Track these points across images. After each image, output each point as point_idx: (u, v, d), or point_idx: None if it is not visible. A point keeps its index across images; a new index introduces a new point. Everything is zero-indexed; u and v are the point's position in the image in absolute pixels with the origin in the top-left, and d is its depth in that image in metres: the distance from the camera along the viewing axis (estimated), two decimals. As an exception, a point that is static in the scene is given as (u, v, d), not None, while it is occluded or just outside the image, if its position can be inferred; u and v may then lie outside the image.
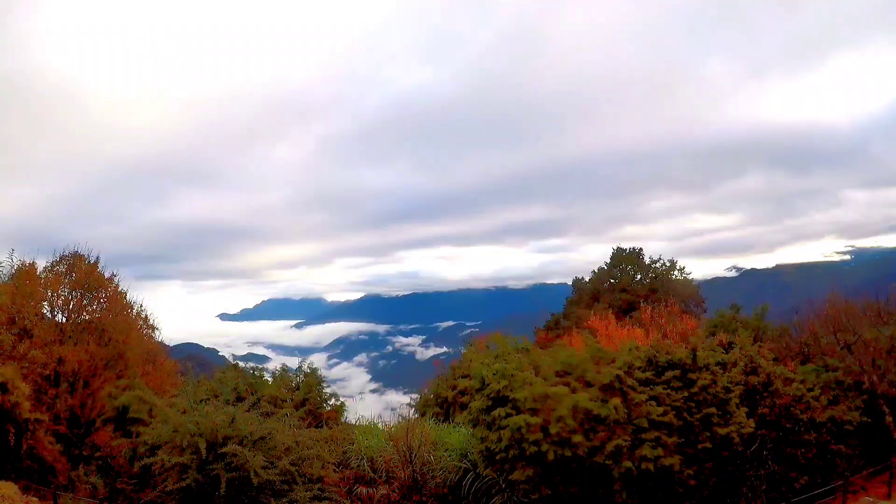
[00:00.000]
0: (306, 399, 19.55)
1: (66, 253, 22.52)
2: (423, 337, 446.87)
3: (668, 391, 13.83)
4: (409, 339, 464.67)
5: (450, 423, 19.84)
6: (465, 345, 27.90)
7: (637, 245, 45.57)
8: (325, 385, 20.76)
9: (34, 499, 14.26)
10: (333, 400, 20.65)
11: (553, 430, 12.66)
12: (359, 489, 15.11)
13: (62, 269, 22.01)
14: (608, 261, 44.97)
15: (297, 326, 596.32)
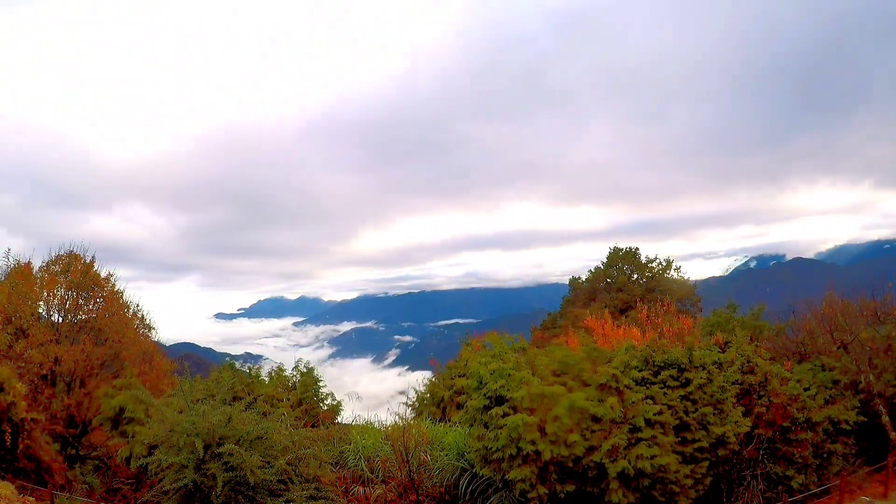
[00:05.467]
0: (303, 399, 19.53)
1: (62, 252, 22.47)
2: (420, 336, 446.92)
3: (665, 390, 13.82)
4: (406, 339, 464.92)
5: (446, 422, 19.84)
6: (461, 344, 27.80)
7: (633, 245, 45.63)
8: (321, 384, 20.74)
9: (31, 499, 14.21)
10: (330, 399, 20.63)
11: (550, 429, 12.66)
12: (355, 489, 15.11)
13: (58, 268, 21.95)
14: (605, 260, 45.05)
15: (294, 326, 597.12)
